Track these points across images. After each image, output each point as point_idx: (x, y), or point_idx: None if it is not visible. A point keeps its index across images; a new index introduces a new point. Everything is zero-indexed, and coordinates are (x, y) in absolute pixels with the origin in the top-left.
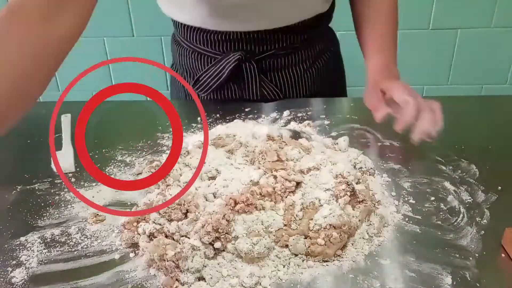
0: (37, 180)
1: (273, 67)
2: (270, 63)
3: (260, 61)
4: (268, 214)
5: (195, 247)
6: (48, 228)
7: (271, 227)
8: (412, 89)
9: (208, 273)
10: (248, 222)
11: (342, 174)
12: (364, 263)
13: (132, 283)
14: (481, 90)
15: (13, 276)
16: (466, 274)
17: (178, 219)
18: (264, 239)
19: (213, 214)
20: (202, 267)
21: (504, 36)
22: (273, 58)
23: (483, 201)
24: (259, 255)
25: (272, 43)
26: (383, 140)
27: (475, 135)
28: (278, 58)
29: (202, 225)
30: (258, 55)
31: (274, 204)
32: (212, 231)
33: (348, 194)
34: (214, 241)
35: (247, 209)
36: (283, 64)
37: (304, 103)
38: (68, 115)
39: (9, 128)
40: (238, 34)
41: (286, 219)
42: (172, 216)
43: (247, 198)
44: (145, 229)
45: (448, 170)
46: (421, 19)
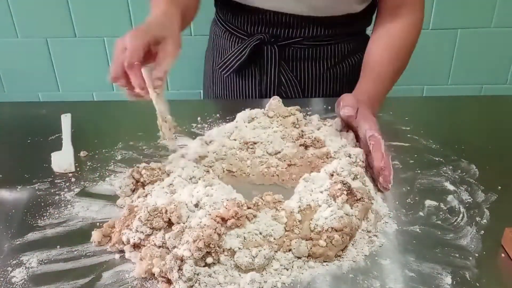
0: (37, 180)
1: (296, 57)
2: (293, 52)
3: (283, 48)
4: (266, 223)
5: (185, 257)
6: (48, 228)
7: (270, 235)
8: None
9: (202, 281)
10: (244, 234)
11: (336, 171)
12: (364, 263)
13: (132, 283)
14: (481, 90)
15: (13, 276)
16: (466, 274)
17: (160, 227)
18: (264, 250)
19: (204, 228)
20: (193, 275)
21: (504, 36)
22: (296, 47)
23: (483, 201)
24: (260, 266)
25: (298, 30)
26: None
27: (475, 135)
28: (302, 48)
29: (194, 240)
30: (282, 40)
31: (276, 211)
32: (203, 247)
33: (345, 193)
34: (205, 256)
35: (239, 223)
36: (306, 56)
37: (305, 103)
38: (68, 115)
39: None
40: (269, 15)
41: (288, 225)
42: (153, 225)
43: (236, 212)
44: (129, 238)
45: (448, 170)
46: None
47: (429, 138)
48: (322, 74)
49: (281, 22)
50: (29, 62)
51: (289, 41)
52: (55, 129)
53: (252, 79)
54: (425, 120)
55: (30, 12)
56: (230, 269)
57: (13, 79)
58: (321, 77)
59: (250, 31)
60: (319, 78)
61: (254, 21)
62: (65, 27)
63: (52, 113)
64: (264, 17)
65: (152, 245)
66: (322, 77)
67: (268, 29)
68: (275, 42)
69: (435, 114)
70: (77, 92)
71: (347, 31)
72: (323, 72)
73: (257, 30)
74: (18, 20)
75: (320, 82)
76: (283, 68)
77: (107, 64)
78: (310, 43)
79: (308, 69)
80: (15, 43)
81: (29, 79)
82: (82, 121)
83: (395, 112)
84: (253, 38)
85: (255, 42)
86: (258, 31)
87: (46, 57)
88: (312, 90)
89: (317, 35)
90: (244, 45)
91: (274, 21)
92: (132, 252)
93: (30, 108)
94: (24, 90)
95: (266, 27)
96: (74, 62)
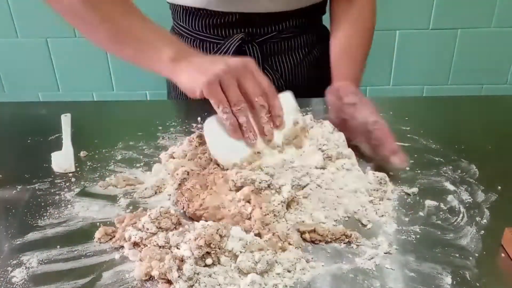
0: (37, 180)
1: (274, 51)
2: (270, 47)
3: (261, 45)
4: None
5: (185, 257)
6: (48, 228)
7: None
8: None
9: (202, 281)
10: (246, 238)
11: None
12: (364, 263)
13: (132, 283)
14: (481, 90)
15: (13, 276)
16: (466, 274)
17: (166, 228)
18: (267, 255)
19: (206, 227)
20: (193, 274)
21: (504, 36)
22: (273, 41)
23: (483, 201)
24: (262, 272)
25: (272, 26)
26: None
27: (475, 135)
28: (278, 42)
29: (195, 238)
30: (259, 37)
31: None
32: (204, 245)
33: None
34: (205, 256)
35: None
36: (283, 48)
37: (306, 103)
38: (68, 115)
39: None
40: (240, 16)
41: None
42: (161, 224)
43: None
44: (131, 236)
45: (448, 170)
46: (421, 19)
47: (429, 138)
48: (299, 64)
49: (254, 22)
50: (29, 62)
51: (265, 37)
52: (55, 129)
53: None
54: (425, 120)
55: (30, 12)
56: (230, 271)
57: (13, 79)
58: (298, 65)
59: (224, 35)
60: (298, 68)
61: (229, 26)
62: (65, 27)
63: (52, 113)
64: (238, 19)
65: (153, 246)
66: (300, 66)
67: (244, 29)
68: (253, 40)
69: (435, 114)
70: (77, 92)
71: (314, 21)
72: (300, 61)
73: (233, 33)
74: (18, 20)
75: (299, 70)
76: (266, 64)
77: (107, 64)
78: (283, 36)
79: (287, 61)
80: (15, 43)
81: (29, 79)
82: (82, 121)
83: (395, 112)
84: (232, 39)
85: (237, 42)
86: (234, 34)
87: (46, 57)
88: (293, 80)
89: (287, 27)
90: (225, 48)
91: (248, 21)
92: (131, 250)
93: (30, 108)
94: (24, 90)
95: (242, 28)
96: (74, 62)
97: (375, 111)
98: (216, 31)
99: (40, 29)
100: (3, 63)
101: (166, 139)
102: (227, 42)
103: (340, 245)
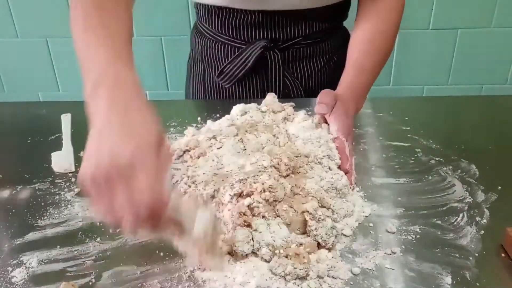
0: (37, 180)
1: (296, 57)
2: (292, 53)
3: (283, 51)
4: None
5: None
6: (48, 228)
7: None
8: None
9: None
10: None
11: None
12: (364, 263)
13: (132, 283)
14: (481, 90)
15: (13, 276)
16: (466, 274)
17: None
18: (300, 270)
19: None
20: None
21: (504, 36)
22: (295, 48)
23: (483, 201)
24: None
25: (296, 30)
26: (383, 140)
27: (475, 135)
28: (300, 48)
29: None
30: (282, 43)
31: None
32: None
33: None
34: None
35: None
36: (305, 55)
37: (306, 103)
38: (68, 115)
39: None
40: (264, 17)
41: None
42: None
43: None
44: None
45: (448, 170)
46: (421, 19)
47: (429, 138)
48: (320, 70)
49: (278, 24)
50: (29, 62)
51: (288, 43)
52: (55, 129)
53: (256, 86)
54: (425, 120)
55: (30, 12)
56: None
57: (13, 79)
58: (319, 73)
59: (247, 38)
60: (319, 74)
61: (252, 28)
62: (65, 27)
63: (52, 113)
64: (262, 20)
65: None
66: (321, 73)
67: (268, 33)
68: (275, 47)
69: (435, 114)
70: (77, 92)
71: (337, 24)
72: (320, 68)
73: (256, 36)
74: (18, 20)
75: (319, 78)
76: (286, 71)
77: None
78: (306, 42)
79: (309, 67)
80: (15, 43)
81: (29, 79)
82: (82, 121)
83: (395, 112)
84: (255, 45)
85: (259, 50)
86: (257, 37)
87: (46, 57)
88: (313, 87)
89: (311, 33)
90: (247, 54)
91: (272, 23)
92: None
93: (30, 108)
94: (24, 90)
95: (265, 31)
96: (74, 62)
97: (342, 127)
98: (239, 33)
99: (40, 29)
100: (3, 63)
101: (165, 139)
102: (248, 49)
103: (340, 245)
